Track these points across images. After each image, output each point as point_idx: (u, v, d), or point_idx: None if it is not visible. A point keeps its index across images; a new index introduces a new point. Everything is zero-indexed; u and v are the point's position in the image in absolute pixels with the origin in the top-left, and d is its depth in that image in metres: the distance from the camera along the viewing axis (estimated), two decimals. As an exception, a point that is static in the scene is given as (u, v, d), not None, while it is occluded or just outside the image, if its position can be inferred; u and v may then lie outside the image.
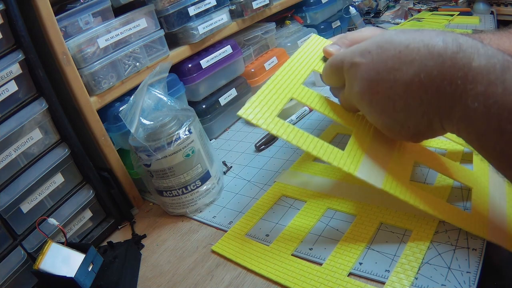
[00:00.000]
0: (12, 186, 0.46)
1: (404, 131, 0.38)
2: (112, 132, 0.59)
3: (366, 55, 0.38)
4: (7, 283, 0.44)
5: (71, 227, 0.53)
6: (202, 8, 0.70)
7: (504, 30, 0.46)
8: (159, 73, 0.55)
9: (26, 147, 0.48)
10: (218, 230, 0.52)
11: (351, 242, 0.42)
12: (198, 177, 0.55)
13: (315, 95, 0.46)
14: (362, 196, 0.48)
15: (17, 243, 0.46)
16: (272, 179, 0.58)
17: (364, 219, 0.45)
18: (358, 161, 0.40)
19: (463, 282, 0.34)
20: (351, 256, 0.41)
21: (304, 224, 0.47)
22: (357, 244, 0.42)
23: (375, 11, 1.17)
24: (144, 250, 0.52)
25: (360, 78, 0.38)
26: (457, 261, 0.36)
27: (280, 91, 0.45)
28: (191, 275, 0.46)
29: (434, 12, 1.15)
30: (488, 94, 0.30)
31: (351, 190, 0.50)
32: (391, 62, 0.35)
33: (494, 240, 0.37)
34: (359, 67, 0.38)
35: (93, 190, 0.55)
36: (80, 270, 0.42)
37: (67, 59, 0.51)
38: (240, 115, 0.42)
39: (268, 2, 0.83)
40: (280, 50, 0.91)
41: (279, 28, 0.96)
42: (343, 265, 0.40)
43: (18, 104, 0.47)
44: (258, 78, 0.83)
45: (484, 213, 0.40)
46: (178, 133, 0.52)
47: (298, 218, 0.49)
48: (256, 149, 0.68)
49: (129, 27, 0.60)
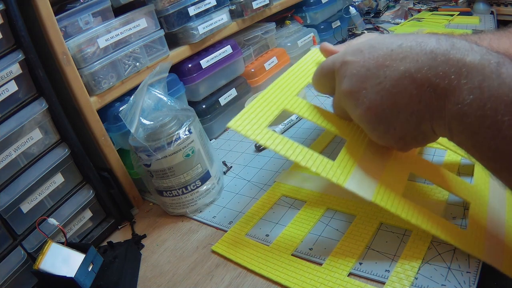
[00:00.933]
0: (12, 186, 0.46)
1: (390, 133, 0.36)
2: (112, 132, 0.59)
3: (357, 54, 0.37)
4: (7, 283, 0.44)
5: (71, 227, 0.53)
6: (202, 8, 0.70)
7: (504, 30, 0.46)
8: (159, 73, 0.55)
9: (26, 147, 0.48)
10: (218, 230, 0.52)
11: (351, 242, 0.42)
12: (198, 177, 0.55)
13: (308, 105, 0.46)
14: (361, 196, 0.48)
15: (17, 243, 0.46)
16: (272, 179, 0.58)
17: (364, 219, 0.45)
18: (349, 172, 0.39)
19: (463, 282, 0.34)
20: (351, 256, 0.41)
21: (304, 224, 0.47)
22: (357, 244, 0.42)
23: (375, 11, 1.17)
24: (144, 250, 0.52)
25: (349, 75, 0.37)
26: (457, 261, 0.36)
27: (272, 103, 0.45)
28: (191, 275, 0.46)
29: (434, 12, 1.15)
30: (483, 88, 0.29)
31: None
32: (382, 59, 0.35)
33: (490, 261, 0.35)
34: (349, 65, 0.37)
35: (93, 190, 0.55)
36: (80, 270, 0.42)
37: (67, 59, 0.51)
38: (229, 126, 0.42)
39: (268, 2, 0.83)
40: (280, 50, 0.91)
41: (279, 28, 0.96)
42: (343, 265, 0.40)
43: (18, 104, 0.47)
44: (258, 78, 0.83)
45: (481, 231, 0.38)
46: (178, 133, 0.52)
47: (298, 218, 0.49)
48: (256, 149, 0.68)
49: (129, 27, 0.60)
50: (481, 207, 0.41)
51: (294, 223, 0.48)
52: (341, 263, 0.40)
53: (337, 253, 0.42)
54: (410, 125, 0.35)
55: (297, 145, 0.41)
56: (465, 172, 0.48)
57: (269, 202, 0.53)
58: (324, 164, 0.40)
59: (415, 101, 0.33)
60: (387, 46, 0.35)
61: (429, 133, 0.35)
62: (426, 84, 0.32)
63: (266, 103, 0.45)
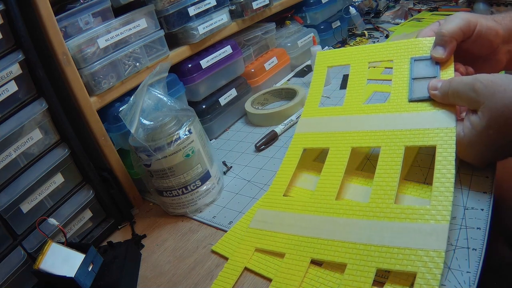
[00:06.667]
0: (12, 186, 0.46)
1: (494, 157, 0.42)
2: (112, 132, 0.59)
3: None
4: (7, 283, 0.44)
5: (71, 227, 0.53)
6: (202, 8, 0.70)
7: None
8: (159, 73, 0.55)
9: (26, 147, 0.48)
10: (218, 230, 0.52)
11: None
12: (198, 177, 0.55)
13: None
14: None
15: (17, 243, 0.46)
16: (272, 179, 0.58)
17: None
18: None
19: (463, 282, 0.34)
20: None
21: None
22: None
23: (375, 11, 1.17)
24: (144, 250, 0.52)
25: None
26: (457, 261, 0.36)
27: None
28: (191, 275, 0.46)
29: (434, 12, 1.15)
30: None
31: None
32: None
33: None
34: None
35: (93, 190, 0.55)
36: (80, 270, 0.42)
37: (67, 59, 0.51)
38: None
39: (268, 2, 0.84)
40: (280, 50, 0.91)
41: (279, 28, 0.96)
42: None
43: (18, 104, 0.47)
44: (258, 78, 0.83)
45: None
46: (178, 133, 0.52)
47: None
48: (256, 149, 0.68)
49: (129, 27, 0.60)
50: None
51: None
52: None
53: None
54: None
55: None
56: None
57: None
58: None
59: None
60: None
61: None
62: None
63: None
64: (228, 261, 0.45)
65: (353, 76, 0.57)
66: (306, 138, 0.55)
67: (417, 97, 0.48)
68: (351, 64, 0.58)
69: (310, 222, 0.45)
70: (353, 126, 0.51)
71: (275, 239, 0.45)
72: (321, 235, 0.43)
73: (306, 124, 0.57)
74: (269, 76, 0.86)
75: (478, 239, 0.38)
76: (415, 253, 0.36)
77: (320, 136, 0.54)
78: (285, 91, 0.81)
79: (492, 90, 0.38)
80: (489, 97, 0.38)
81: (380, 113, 0.50)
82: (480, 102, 0.39)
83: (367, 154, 0.55)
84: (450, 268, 0.36)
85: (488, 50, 0.48)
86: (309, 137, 0.55)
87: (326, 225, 0.43)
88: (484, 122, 0.39)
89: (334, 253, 0.40)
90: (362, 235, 0.40)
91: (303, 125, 0.57)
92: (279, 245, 0.44)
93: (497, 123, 0.38)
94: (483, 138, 0.40)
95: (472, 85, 0.40)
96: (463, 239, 0.38)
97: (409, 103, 0.48)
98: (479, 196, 0.42)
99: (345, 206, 0.44)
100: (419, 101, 0.48)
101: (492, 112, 0.38)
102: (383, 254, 0.37)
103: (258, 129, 0.75)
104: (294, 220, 0.46)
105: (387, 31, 1.07)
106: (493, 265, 0.38)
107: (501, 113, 0.37)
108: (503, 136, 0.38)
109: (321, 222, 0.44)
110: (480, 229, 0.38)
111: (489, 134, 0.39)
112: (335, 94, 0.79)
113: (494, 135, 0.39)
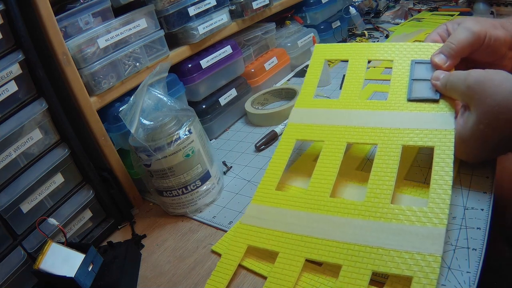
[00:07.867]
0: (12, 186, 0.46)
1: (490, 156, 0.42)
2: (112, 132, 0.59)
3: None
4: (7, 283, 0.44)
5: (71, 227, 0.53)
6: (202, 8, 0.70)
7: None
8: (159, 73, 0.55)
9: (26, 147, 0.48)
10: (218, 230, 0.52)
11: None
12: (198, 177, 0.55)
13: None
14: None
15: (17, 243, 0.46)
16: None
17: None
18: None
19: (463, 282, 0.34)
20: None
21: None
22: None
23: (375, 11, 1.17)
24: (144, 250, 0.52)
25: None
26: (457, 261, 0.36)
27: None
28: (191, 275, 0.46)
29: (434, 12, 1.15)
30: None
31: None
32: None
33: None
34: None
35: (93, 190, 0.55)
36: (80, 270, 0.42)
37: (67, 59, 0.51)
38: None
39: (268, 2, 0.83)
40: (280, 50, 0.91)
41: (279, 28, 0.96)
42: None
43: (18, 104, 0.47)
44: (258, 78, 0.83)
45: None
46: (178, 133, 0.52)
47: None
48: (256, 149, 0.68)
49: (129, 27, 0.60)
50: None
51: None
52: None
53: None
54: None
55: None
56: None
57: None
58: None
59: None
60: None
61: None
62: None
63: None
64: (221, 259, 0.45)
65: (351, 71, 0.56)
66: (300, 130, 0.54)
67: (417, 96, 0.48)
68: (350, 59, 0.57)
69: (303, 220, 0.44)
70: (349, 120, 0.51)
71: (269, 237, 0.44)
72: (315, 234, 0.42)
73: (300, 114, 0.56)
74: (269, 76, 0.86)
75: (478, 239, 0.38)
76: (412, 257, 0.36)
77: (314, 128, 0.52)
78: (285, 91, 0.81)
79: (483, 86, 0.38)
80: (480, 92, 0.38)
81: (378, 110, 0.50)
82: (471, 96, 0.39)
83: (367, 154, 0.55)
84: (450, 268, 0.36)
85: (494, 57, 0.48)
86: (303, 128, 0.53)
87: (320, 224, 0.43)
88: (475, 117, 0.39)
89: (329, 253, 0.40)
90: (358, 235, 0.40)
91: (297, 115, 0.56)
92: (272, 243, 0.43)
93: (487, 119, 0.38)
94: (474, 133, 0.40)
95: (465, 79, 0.40)
96: (463, 239, 0.38)
97: (408, 102, 0.48)
98: (479, 196, 0.42)
99: (340, 204, 0.43)
100: (418, 101, 0.48)
101: (482, 107, 0.38)
102: (379, 256, 0.37)
103: (258, 129, 0.75)
104: (287, 217, 0.45)
105: (387, 31, 1.07)
106: (493, 265, 0.38)
107: (491, 108, 0.37)
108: (495, 132, 0.38)
109: (315, 220, 0.43)
110: (480, 229, 0.39)
111: (480, 129, 0.39)
112: (335, 94, 0.79)
113: (485, 131, 0.39)
